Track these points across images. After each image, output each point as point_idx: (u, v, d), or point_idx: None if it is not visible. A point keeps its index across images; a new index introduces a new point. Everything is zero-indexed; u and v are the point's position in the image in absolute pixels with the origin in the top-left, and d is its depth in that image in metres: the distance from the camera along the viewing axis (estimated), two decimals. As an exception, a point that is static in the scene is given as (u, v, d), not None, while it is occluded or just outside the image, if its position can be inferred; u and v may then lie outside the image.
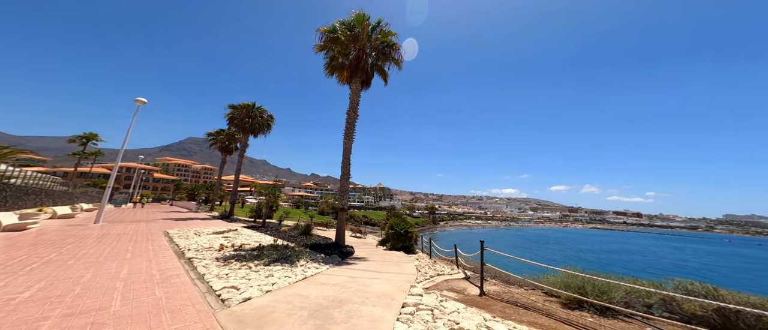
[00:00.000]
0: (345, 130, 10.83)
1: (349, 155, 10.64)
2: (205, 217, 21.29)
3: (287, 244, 9.35)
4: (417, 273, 6.61)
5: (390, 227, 11.71)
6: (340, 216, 10.65)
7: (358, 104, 11.19)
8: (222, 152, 32.68)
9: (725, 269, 39.14)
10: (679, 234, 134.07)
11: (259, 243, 9.49)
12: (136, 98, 14.25)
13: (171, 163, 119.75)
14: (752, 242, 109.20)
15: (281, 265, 6.51)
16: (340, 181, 10.62)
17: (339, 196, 10.64)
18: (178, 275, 5.38)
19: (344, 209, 10.57)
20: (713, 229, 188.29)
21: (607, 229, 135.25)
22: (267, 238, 11.05)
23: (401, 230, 11.21)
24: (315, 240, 11.69)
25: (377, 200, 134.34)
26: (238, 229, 13.72)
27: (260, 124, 25.29)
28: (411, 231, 11.24)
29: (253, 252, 7.69)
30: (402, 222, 11.68)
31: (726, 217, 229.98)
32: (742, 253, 61.12)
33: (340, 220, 10.65)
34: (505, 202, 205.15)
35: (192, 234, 11.12)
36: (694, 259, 47.87)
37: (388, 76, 12.14)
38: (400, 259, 9.01)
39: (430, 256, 11.73)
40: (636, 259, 43.86)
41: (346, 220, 77.84)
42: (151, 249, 7.86)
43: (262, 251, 7.76)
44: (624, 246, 62.87)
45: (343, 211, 10.57)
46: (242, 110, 24.24)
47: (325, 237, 13.75)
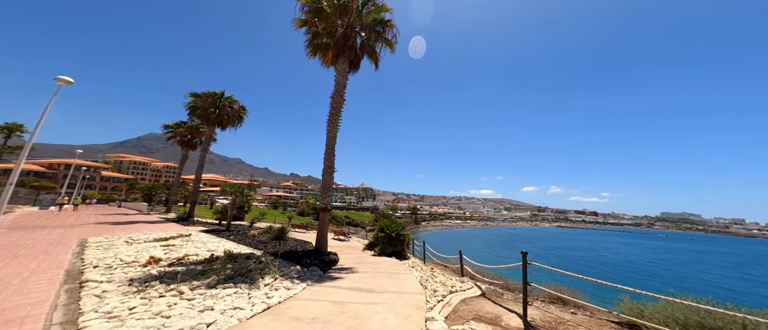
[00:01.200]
0: (329, 116, 9.29)
1: (334, 145, 9.13)
2: (157, 220, 18.25)
3: (251, 254, 7.59)
4: (423, 290, 5.30)
5: (380, 229, 10.37)
6: (322, 217, 9.08)
7: (345, 88, 9.71)
8: (183, 147, 29.03)
9: (666, 262, 43.37)
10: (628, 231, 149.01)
11: (212, 253, 7.51)
12: (57, 77, 10.84)
13: (125, 160, 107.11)
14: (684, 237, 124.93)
15: (235, 285, 4.73)
16: (323, 176, 9.05)
17: (321, 194, 9.07)
18: (34, 316, 3.49)
19: (327, 209, 9.04)
20: (653, 226, 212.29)
21: (569, 227, 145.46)
22: (227, 246, 9.12)
23: (392, 233, 9.92)
24: (291, 246, 9.96)
25: (360, 201, 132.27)
26: (192, 234, 11.46)
27: (230, 116, 22.54)
28: (403, 234, 10.02)
29: (198, 267, 5.77)
30: (393, 224, 10.40)
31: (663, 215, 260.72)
32: (677, 247, 68.99)
33: (323, 221, 9.07)
34: (482, 202, 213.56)
35: (121, 243, 8.83)
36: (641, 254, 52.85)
37: (379, 59, 10.81)
38: (395, 268, 7.70)
39: (424, 260, 10.58)
40: (597, 255, 47.13)
41: (328, 221, 77.38)
42: (35, 267, 5.71)
43: (212, 265, 5.90)
44: (583, 243, 67.80)
45: (325, 212, 9.03)
46: (207, 99, 21.35)
47: (304, 241, 12.02)
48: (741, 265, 44.41)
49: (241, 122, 24.03)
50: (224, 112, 21.96)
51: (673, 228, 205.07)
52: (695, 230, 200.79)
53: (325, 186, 8.97)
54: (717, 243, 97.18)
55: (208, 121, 21.41)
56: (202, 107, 21.03)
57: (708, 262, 46.48)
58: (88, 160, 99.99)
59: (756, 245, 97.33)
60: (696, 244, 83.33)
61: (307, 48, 10.89)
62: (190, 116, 21.76)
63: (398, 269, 7.46)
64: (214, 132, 28.26)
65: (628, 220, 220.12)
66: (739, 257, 56.21)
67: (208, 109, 21.04)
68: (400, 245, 9.93)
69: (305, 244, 11.23)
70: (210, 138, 21.99)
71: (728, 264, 45.44)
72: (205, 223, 17.94)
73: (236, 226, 18.24)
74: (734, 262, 47.61)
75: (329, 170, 8.93)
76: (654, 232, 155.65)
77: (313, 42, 10.73)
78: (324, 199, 8.97)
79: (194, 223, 17.63)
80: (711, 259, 50.65)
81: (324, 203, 8.97)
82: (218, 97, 22.25)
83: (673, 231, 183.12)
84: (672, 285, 25.77)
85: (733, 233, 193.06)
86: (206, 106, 21.11)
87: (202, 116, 21.41)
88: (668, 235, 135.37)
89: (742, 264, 46.66)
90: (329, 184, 8.96)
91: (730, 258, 54.68)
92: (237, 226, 18.41)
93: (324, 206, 8.99)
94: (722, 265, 43.50)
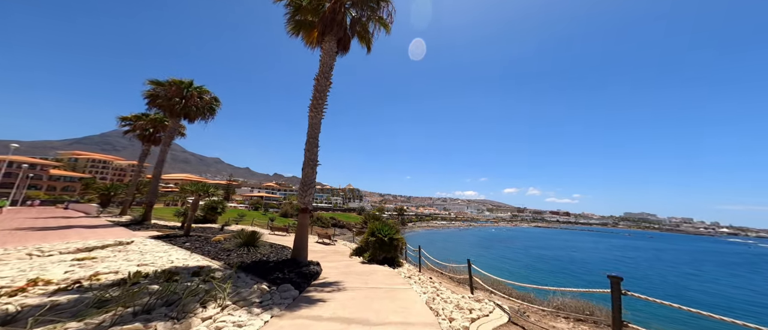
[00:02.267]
0: (312, 100, 7.86)
1: (317, 133, 7.70)
2: (102, 224, 15.58)
3: (205, 268, 5.96)
4: (435, 318, 4.04)
5: (370, 233, 9.07)
6: (302, 219, 7.59)
7: (332, 69, 8.33)
8: (144, 142, 25.87)
9: (631, 259, 46.64)
10: (597, 230, 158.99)
11: (143, 268, 5.69)
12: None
13: (81, 157, 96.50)
14: (644, 235, 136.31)
15: (147, 325, 3.09)
16: (303, 170, 7.56)
17: (300, 192, 7.59)
18: None
19: (308, 210, 7.58)
20: (617, 225, 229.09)
21: (545, 227, 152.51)
22: (176, 256, 7.37)
23: (384, 237, 8.66)
24: (263, 254, 8.36)
25: (346, 201, 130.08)
26: (134, 241, 9.42)
27: (199, 108, 20.13)
28: (397, 238, 8.79)
29: (103, 292, 3.89)
30: (385, 227, 9.13)
31: (625, 215, 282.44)
32: (638, 246, 74.45)
33: (302, 224, 7.58)
34: (466, 203, 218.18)
35: (22, 255, 6.76)
36: (610, 252, 56.06)
37: (372, 41, 9.55)
38: (391, 280, 6.43)
39: (420, 267, 9.41)
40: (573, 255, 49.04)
41: (312, 222, 72.52)
42: None
43: (127, 289, 4.08)
44: (559, 242, 70.94)
45: (305, 213, 7.56)
46: (171, 87, 18.85)
47: (283, 246, 10.40)
48: (694, 262, 48.73)
49: (213, 115, 21.67)
50: (192, 102, 19.55)
51: (634, 227, 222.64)
52: (653, 229, 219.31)
53: (306, 182, 7.51)
54: (671, 241, 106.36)
55: (172, 113, 18.92)
56: (164, 96, 18.52)
57: (667, 260, 49.98)
58: (37, 157, 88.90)
59: (703, 242, 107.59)
60: (655, 242, 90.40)
61: (288, 25, 9.41)
62: (150, 106, 19.10)
63: (395, 283, 6.20)
64: (183, 127, 25.50)
65: (596, 220, 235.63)
66: (691, 254, 61.68)
67: (172, 99, 18.56)
68: (394, 251, 8.70)
69: (283, 250, 9.64)
70: (174, 131, 19.46)
71: (684, 261, 49.63)
72: (164, 227, 15.58)
73: (204, 230, 16.10)
74: (688, 260, 52.12)
75: (311, 163, 7.48)
76: (619, 231, 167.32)
77: (295, 18, 9.28)
78: (304, 198, 7.51)
79: (150, 227, 15.22)
80: (669, 257, 54.82)
81: (304, 202, 7.51)
82: (185, 86, 19.80)
83: (635, 230, 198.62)
84: (642, 285, 27.21)
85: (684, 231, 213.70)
86: (170, 95, 18.63)
87: (164, 107, 18.88)
88: (630, 234, 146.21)
89: (695, 261, 50.74)
90: (311, 179, 7.51)
91: (684, 255, 59.13)
92: (205, 230, 16.27)
93: (304, 206, 7.52)
94: (679, 262, 47.43)
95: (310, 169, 7.42)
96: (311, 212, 7.59)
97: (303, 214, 7.50)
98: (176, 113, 18.88)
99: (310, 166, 7.42)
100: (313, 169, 7.46)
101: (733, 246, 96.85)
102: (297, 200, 7.65)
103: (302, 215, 7.52)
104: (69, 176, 78.10)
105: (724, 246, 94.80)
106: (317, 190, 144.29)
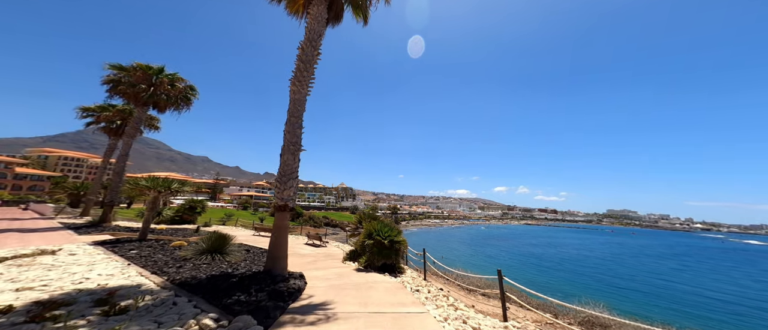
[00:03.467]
0: (295, 73, 6.24)
1: (302, 113, 6.11)
2: (49, 227, 13.37)
3: (113, 293, 4.28)
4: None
5: (367, 235, 7.57)
6: (280, 220, 5.96)
7: (321, 37, 6.75)
8: (110, 136, 23.34)
9: (616, 256, 47.19)
10: (582, 227, 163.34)
11: (22, 295, 4.09)
12: None
13: (52, 155, 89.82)
14: (626, 232, 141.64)
15: None
16: (282, 156, 5.91)
17: (277, 184, 5.96)
18: None
19: (288, 207, 5.96)
20: (601, 222, 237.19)
21: (535, 224, 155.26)
22: (104, 270, 5.66)
23: (384, 239, 7.19)
24: (233, 262, 6.74)
25: (339, 200, 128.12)
26: (64, 249, 7.51)
27: (171, 96, 17.99)
28: (399, 241, 7.35)
29: None
30: (384, 227, 7.65)
31: (608, 212, 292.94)
32: (623, 242, 76.64)
33: (280, 226, 5.95)
34: (458, 201, 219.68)
35: None
36: (598, 249, 56.84)
37: (369, 11, 8.03)
38: (397, 297, 4.96)
39: (424, 274, 8.01)
40: (567, 251, 49.23)
41: (303, 222, 69.42)
42: None
43: None
44: (548, 240, 71.88)
45: (285, 211, 5.93)
46: (136, 73, 16.60)
47: (264, 250, 8.78)
48: (678, 255, 51.48)
49: (189, 105, 19.55)
50: (162, 90, 17.39)
51: (617, 223, 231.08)
52: (634, 225, 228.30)
53: (286, 172, 5.88)
54: (651, 237, 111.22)
55: (137, 101, 16.73)
56: (128, 83, 16.28)
57: (652, 255, 51.60)
58: (5, 155, 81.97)
59: (679, 237, 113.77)
60: (637, 239, 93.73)
61: (266, -14, 7.77)
62: (111, 94, 16.77)
63: (403, 302, 4.75)
64: (157, 119, 23.12)
65: (581, 217, 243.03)
66: (670, 248, 64.88)
67: (137, 86, 16.35)
68: (395, 256, 7.25)
69: (263, 256, 8.05)
70: (139, 121, 17.25)
71: (669, 255, 52.11)
72: (125, 230, 13.57)
73: (175, 232, 14.13)
74: (670, 253, 55.26)
75: (292, 148, 5.85)
76: (603, 228, 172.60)
77: (274, -24, 7.67)
78: (283, 192, 5.88)
79: (106, 229, 13.17)
80: (653, 251, 57.05)
81: (282, 198, 5.88)
82: (154, 72, 17.58)
83: (617, 226, 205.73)
84: (635, 285, 27.21)
85: (661, 227, 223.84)
86: (135, 81, 16.41)
87: (128, 94, 16.64)
88: (613, 230, 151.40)
89: (677, 254, 53.26)
90: (291, 168, 5.90)
91: (665, 249, 61.76)
92: (177, 232, 14.31)
93: (282, 203, 5.87)
94: (663, 256, 49.63)
95: (291, 155, 5.80)
96: (293, 210, 5.99)
97: (281, 212, 5.87)
98: (142, 101, 16.70)
99: (290, 152, 5.79)
100: (295, 155, 5.85)
101: (709, 241, 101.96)
102: (274, 195, 6.03)
103: (280, 214, 5.89)
104: (37, 175, 72.36)
105: (700, 241, 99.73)
106: (310, 189, 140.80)
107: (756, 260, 52.16)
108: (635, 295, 23.03)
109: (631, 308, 17.45)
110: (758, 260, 52.33)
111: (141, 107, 17.04)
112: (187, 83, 19.56)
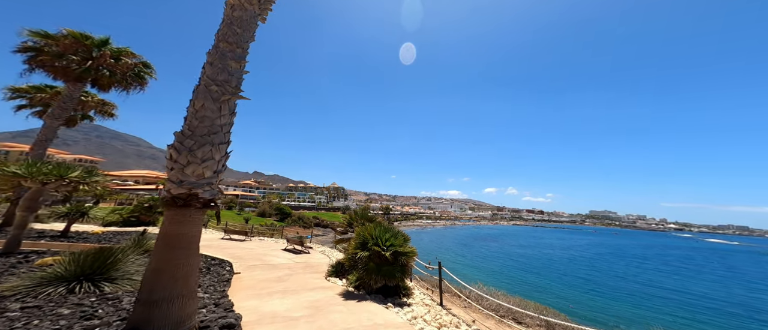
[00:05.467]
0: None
1: (246, 38, 3.45)
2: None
3: None
4: None
5: (360, 243, 5.04)
6: (175, 226, 3.08)
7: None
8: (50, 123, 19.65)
9: (599, 256, 48.47)
10: (567, 227, 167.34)
11: None
12: None
13: (14, 150, 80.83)
14: (608, 232, 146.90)
15: None
16: (193, 103, 3.13)
17: (174, 152, 3.13)
18: None
19: (195, 199, 3.10)
20: (584, 223, 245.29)
21: (523, 225, 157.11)
22: None
23: (385, 250, 4.70)
24: (112, 295, 4.06)
25: (331, 200, 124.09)
26: None
27: (115, 73, 14.87)
28: (406, 252, 4.87)
29: None
30: (385, 233, 5.10)
31: (591, 213, 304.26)
32: (608, 243, 78.75)
33: (173, 238, 3.04)
34: (449, 202, 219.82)
35: None
36: (587, 249, 57.48)
37: None
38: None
39: (440, 299, 5.55)
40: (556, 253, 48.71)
41: (292, 223, 66.91)
42: None
43: None
44: (537, 240, 71.56)
45: (187, 207, 3.08)
46: (64, 41, 13.34)
47: (218, 261, 6.07)
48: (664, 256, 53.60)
49: (143, 86, 16.46)
50: (102, 63, 14.21)
51: (599, 224, 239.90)
52: (614, 225, 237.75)
53: (198, 130, 3.09)
54: (631, 237, 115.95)
55: (67, 75, 13.49)
56: (54, 53, 13.01)
57: (640, 255, 53.12)
58: None
59: (656, 238, 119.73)
60: (620, 239, 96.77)
61: None
62: (30, 65, 13.38)
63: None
64: (110, 104, 19.71)
65: (566, 218, 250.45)
66: (649, 248, 67.54)
67: (66, 56, 13.12)
68: (400, 275, 4.76)
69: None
70: (70, 100, 13.94)
71: (654, 256, 53.90)
72: (37, 237, 10.43)
73: (112, 237, 11.07)
74: (657, 254, 57.46)
75: (214, 90, 3.09)
76: (586, 228, 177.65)
77: None
78: (186, 169, 3.06)
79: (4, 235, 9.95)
80: (634, 251, 59.35)
81: (184, 181, 3.07)
82: (94, 44, 14.36)
83: (600, 227, 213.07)
84: (629, 286, 26.31)
85: (639, 227, 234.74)
86: (64, 51, 13.17)
87: (55, 69, 13.38)
88: (596, 230, 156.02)
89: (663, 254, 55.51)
90: (210, 124, 3.11)
91: (648, 250, 63.95)
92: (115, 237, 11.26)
93: (183, 191, 3.05)
94: (648, 257, 51.43)
95: (212, 101, 3.11)
96: (213, 205, 3.33)
97: (178, 211, 3.04)
98: (73, 76, 13.45)
99: (210, 97, 3.06)
100: (218, 102, 3.16)
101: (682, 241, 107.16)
102: (169, 177, 3.29)
103: (175, 214, 3.05)
104: (-15, 174, 64.64)
105: (676, 241, 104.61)
106: (300, 188, 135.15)
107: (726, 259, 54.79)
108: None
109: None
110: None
111: (72, 83, 13.77)
112: (140, 59, 16.44)
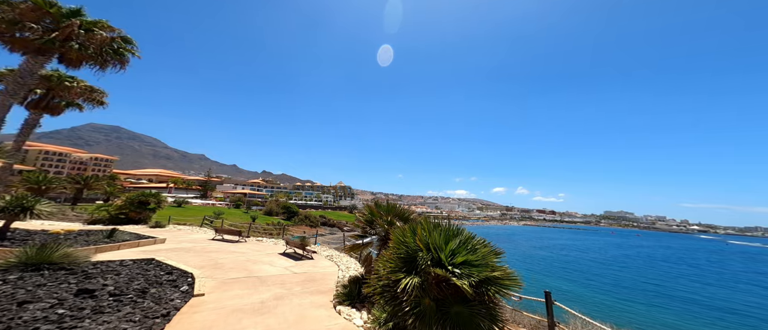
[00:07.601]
0: None
1: None
2: None
3: None
4: None
5: (403, 257, 2.64)
6: None
7: None
8: (30, 110, 18.45)
9: (629, 259, 44.56)
10: (582, 228, 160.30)
11: None
12: None
13: (32, 149, 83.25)
14: (628, 233, 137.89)
15: None
16: None
17: None
18: None
19: None
20: (600, 223, 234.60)
21: (534, 225, 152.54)
22: None
23: (455, 275, 2.16)
24: None
25: (337, 199, 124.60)
26: None
27: (87, 47, 13.21)
28: (498, 280, 2.44)
29: None
30: (454, 239, 2.88)
31: (606, 213, 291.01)
32: (633, 244, 73.27)
33: None
34: (457, 202, 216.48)
35: None
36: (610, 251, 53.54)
37: None
38: None
39: None
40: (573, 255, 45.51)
41: (300, 220, 65.04)
42: None
43: None
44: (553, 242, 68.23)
45: None
46: (22, 7, 11.66)
47: (180, 272, 4.13)
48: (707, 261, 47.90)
49: (123, 64, 14.89)
50: (70, 36, 12.52)
51: (616, 225, 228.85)
52: (632, 226, 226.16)
53: None
54: (655, 238, 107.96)
55: (26, 47, 11.87)
56: (9, 21, 11.36)
57: (671, 260, 48.42)
58: None
59: (681, 240, 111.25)
60: (643, 240, 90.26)
61: None
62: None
63: None
64: (98, 91, 18.36)
65: (579, 218, 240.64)
66: (675, 251, 61.66)
67: (24, 24, 11.46)
68: (489, 323, 2.28)
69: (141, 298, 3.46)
70: (28, 74, 12.25)
71: (675, 259, 49.41)
72: (23, 237, 8.83)
73: (86, 236, 9.40)
74: (681, 257, 52.64)
75: None
76: (603, 229, 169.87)
77: None
78: None
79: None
80: (663, 253, 54.98)
81: None
82: (62, 13, 12.70)
83: (617, 228, 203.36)
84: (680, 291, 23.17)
85: (659, 228, 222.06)
86: (20, 18, 11.51)
87: (14, 41, 11.77)
88: (614, 231, 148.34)
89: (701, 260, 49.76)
90: None
91: (679, 252, 58.94)
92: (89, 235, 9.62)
93: None
94: (671, 260, 47.19)
95: None
96: None
97: None
98: (33, 48, 11.81)
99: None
100: None
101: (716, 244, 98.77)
102: None
103: None
104: (2, 167, 66.30)
105: (712, 244, 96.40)
106: (307, 187, 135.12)
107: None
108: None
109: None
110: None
111: (32, 56, 12.13)
112: (119, 33, 14.77)
